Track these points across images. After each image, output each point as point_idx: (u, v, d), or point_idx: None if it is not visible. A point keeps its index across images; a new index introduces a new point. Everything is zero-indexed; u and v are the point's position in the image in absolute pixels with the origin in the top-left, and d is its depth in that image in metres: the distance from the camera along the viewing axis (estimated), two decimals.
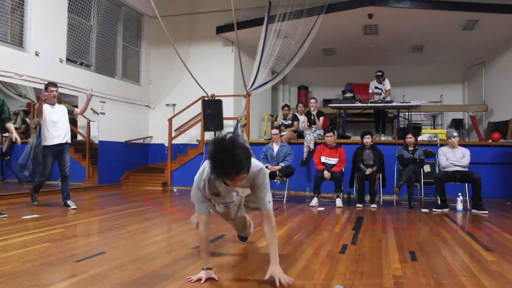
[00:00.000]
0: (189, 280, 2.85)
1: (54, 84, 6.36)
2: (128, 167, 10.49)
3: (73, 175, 9.70)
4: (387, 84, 10.11)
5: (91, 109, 9.79)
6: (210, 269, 2.92)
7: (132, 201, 7.52)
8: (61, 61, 8.36)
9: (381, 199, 7.50)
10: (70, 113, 6.64)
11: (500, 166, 8.52)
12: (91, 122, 9.88)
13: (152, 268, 3.17)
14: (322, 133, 8.71)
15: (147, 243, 4.09)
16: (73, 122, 10.61)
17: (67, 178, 6.51)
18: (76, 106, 10.25)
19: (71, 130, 6.63)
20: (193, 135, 10.49)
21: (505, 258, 3.62)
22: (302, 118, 9.55)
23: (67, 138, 6.50)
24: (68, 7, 8.58)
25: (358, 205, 7.10)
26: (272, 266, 2.82)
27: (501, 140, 9.13)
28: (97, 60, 9.55)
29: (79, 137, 10.75)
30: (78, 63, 8.93)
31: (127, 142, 10.38)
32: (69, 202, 6.35)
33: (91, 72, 9.31)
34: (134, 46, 10.97)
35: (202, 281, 2.82)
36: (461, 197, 6.79)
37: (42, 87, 7.90)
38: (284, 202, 7.52)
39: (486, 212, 6.40)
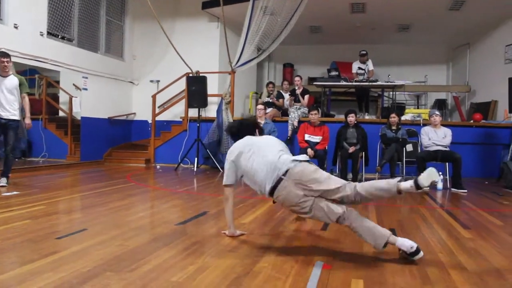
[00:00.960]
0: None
1: (5, 54, 5.87)
2: (111, 143, 10.39)
3: (54, 152, 9.70)
4: (370, 65, 10.11)
5: (73, 84, 9.65)
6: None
7: (115, 178, 7.48)
8: (41, 35, 8.16)
9: (364, 177, 7.57)
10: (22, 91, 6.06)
11: (480, 146, 8.65)
12: (73, 98, 9.74)
13: (135, 244, 3.17)
14: (307, 111, 8.72)
15: (130, 219, 4.08)
16: (54, 97, 10.51)
17: (7, 157, 5.93)
18: (58, 82, 10.16)
19: (52, 106, 6.43)
20: (177, 112, 10.41)
21: (481, 236, 3.70)
22: (287, 96, 9.54)
23: (12, 114, 5.90)
24: None
25: None
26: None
27: (483, 120, 9.25)
28: (80, 34, 9.34)
29: (61, 113, 10.61)
30: (59, 37, 8.73)
31: (110, 119, 10.27)
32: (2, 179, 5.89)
33: (73, 47, 9.12)
34: (117, 20, 10.75)
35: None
36: (441, 176, 6.88)
37: (22, 61, 7.75)
38: None
39: (465, 191, 6.51)
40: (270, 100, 9.68)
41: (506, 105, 8.32)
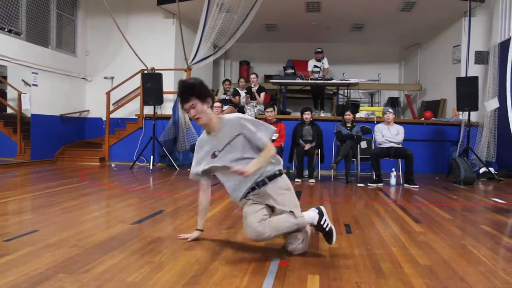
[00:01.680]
0: (178, 237, 3.27)
1: None
2: (63, 141, 10.08)
3: (2, 151, 9.32)
4: (325, 63, 10.28)
5: (22, 80, 9.31)
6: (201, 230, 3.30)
7: (68, 177, 7.27)
8: None
9: (319, 174, 7.70)
10: None
11: (431, 143, 8.96)
12: (22, 94, 9.37)
13: (89, 244, 3.09)
14: (263, 109, 8.76)
15: (84, 219, 3.98)
16: (2, 93, 10.09)
17: None
18: (5, 78, 9.76)
19: (0, 103, 6.14)
20: (132, 109, 10.22)
21: (432, 229, 3.84)
22: (243, 94, 9.55)
23: None
24: None
25: (296, 180, 7.24)
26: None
27: (433, 118, 9.60)
28: (28, 28, 8.99)
29: (9, 110, 10.19)
30: (6, 30, 8.37)
31: (62, 116, 9.96)
32: None
33: (22, 41, 8.77)
34: (69, 14, 10.42)
35: (188, 240, 3.22)
36: (394, 172, 7.09)
37: None
38: None
39: (417, 186, 6.74)
40: (227, 98, 9.66)
41: (454, 104, 8.66)
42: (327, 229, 3.00)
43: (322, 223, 2.98)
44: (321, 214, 3.01)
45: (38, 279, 2.36)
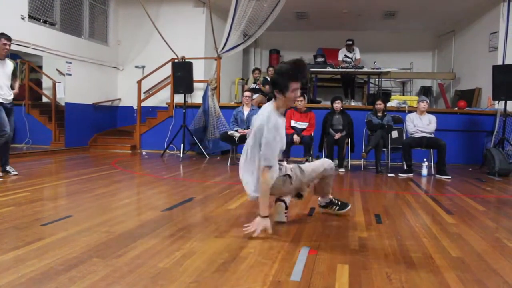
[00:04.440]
0: (246, 227, 3.06)
1: (8, 37, 5.66)
2: (96, 130, 10.29)
3: (38, 138, 9.59)
4: (357, 53, 10.14)
5: (57, 69, 9.51)
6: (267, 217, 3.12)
7: (101, 164, 7.42)
8: (22, 18, 7.99)
9: (349, 164, 7.62)
10: (14, 73, 5.93)
11: (464, 133, 8.75)
12: (56, 83, 9.60)
13: (121, 230, 3.16)
14: None
15: (116, 206, 4.06)
16: (37, 83, 10.34)
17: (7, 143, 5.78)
18: (41, 67, 10.00)
19: (36, 91, 6.30)
20: (162, 97, 10.33)
21: (464, 221, 3.77)
22: None
23: (10, 98, 5.79)
24: None
25: None
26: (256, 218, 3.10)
27: (467, 108, 9.35)
28: (62, 19, 9.17)
29: (45, 99, 10.46)
30: (41, 21, 8.56)
31: (94, 104, 10.15)
32: (8, 167, 5.79)
33: (56, 31, 8.96)
34: (101, 4, 10.56)
35: (255, 234, 3.01)
36: (426, 163, 6.97)
37: None
38: None
39: (449, 177, 6.60)
40: (257, 86, 9.65)
41: (489, 93, 8.41)
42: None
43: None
44: None
45: (73, 263, 2.43)
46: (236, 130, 7.55)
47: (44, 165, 7.24)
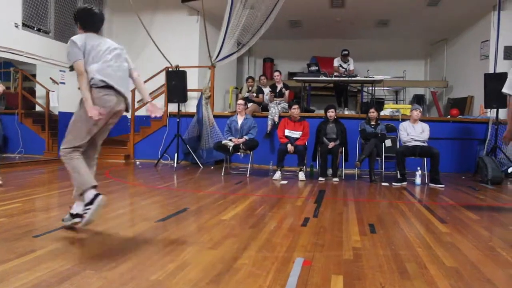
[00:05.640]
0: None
1: None
2: None
3: (31, 148, 9.53)
4: (351, 64, 10.20)
5: (50, 78, 9.48)
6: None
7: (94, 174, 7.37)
8: (16, 26, 7.97)
9: (343, 173, 7.64)
10: None
11: (457, 141, 8.79)
12: (50, 92, 9.56)
13: (114, 242, 3.14)
14: (287, 106, 8.74)
15: (109, 216, 4.04)
16: (31, 91, 10.30)
17: None
18: (35, 76, 9.96)
19: (29, 100, 6.24)
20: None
21: (458, 230, 3.77)
22: (267, 91, 9.54)
23: None
24: None
25: (320, 178, 7.20)
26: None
27: (459, 116, 9.41)
28: (56, 27, 9.14)
29: (38, 108, 10.41)
30: (35, 29, 8.54)
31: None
32: None
33: (50, 39, 8.92)
34: None
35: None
36: (420, 171, 6.98)
37: None
38: (248, 175, 7.55)
39: (443, 186, 6.62)
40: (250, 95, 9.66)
41: (482, 101, 8.48)
42: (83, 214, 3.18)
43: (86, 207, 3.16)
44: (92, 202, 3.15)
45: (66, 275, 2.41)
46: (230, 140, 7.55)
47: (37, 175, 7.20)
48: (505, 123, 8.24)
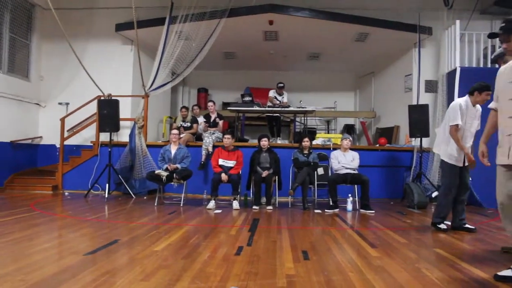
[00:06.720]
0: None
1: None
2: (13, 169, 9.70)
3: None
4: (285, 97, 10.46)
5: None
6: None
7: (18, 206, 6.97)
8: None
9: (277, 201, 7.72)
10: None
11: (385, 168, 9.18)
12: None
13: (38, 278, 2.97)
14: (221, 136, 8.78)
15: (33, 251, 3.82)
16: None
17: None
18: None
19: None
20: (87, 136, 9.99)
21: (387, 254, 3.91)
22: (201, 120, 9.54)
23: None
24: None
25: (254, 207, 7.23)
26: None
27: (387, 144, 9.88)
28: None
29: None
30: None
31: (13, 142, 9.61)
32: None
33: None
34: (23, 38, 10.18)
35: None
36: (351, 198, 7.21)
37: None
38: (181, 205, 7.44)
39: (373, 211, 6.87)
40: (184, 125, 9.61)
41: (407, 130, 8.95)
42: None
43: None
44: None
45: None
46: (167, 168, 7.42)
47: None
48: (428, 151, 8.77)
